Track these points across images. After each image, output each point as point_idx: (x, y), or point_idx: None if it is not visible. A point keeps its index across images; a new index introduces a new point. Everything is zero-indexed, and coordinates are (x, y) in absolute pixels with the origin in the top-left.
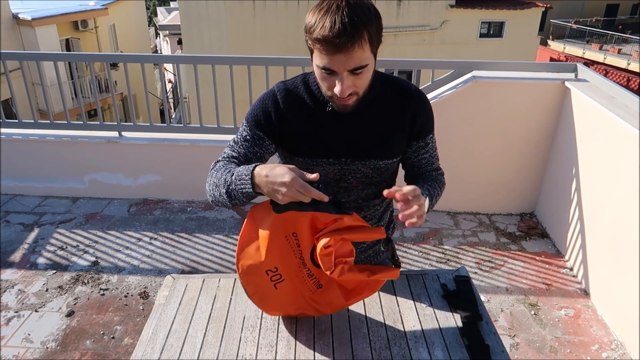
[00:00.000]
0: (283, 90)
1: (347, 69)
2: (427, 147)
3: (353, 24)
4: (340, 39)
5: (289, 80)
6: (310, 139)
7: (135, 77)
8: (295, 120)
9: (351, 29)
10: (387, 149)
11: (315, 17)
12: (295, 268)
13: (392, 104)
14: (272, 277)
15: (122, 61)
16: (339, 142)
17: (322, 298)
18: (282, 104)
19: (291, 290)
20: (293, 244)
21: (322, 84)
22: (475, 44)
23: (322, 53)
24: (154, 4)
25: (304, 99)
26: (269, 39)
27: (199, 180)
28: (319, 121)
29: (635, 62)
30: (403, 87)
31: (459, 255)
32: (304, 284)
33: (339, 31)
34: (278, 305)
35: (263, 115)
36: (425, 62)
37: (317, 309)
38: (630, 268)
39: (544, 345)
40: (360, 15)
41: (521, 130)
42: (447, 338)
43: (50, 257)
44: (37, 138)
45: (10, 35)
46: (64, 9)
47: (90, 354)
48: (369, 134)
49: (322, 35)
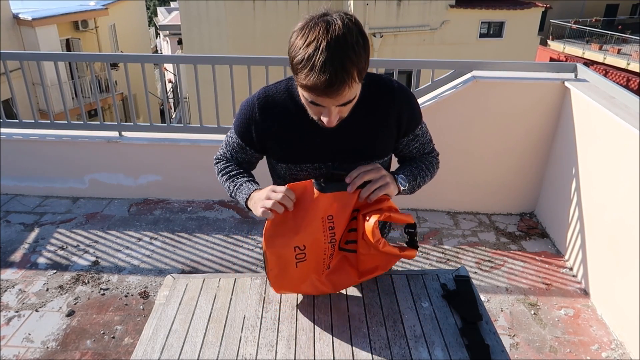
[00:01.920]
0: (264, 98)
1: (337, 105)
2: (417, 137)
3: (344, 69)
4: (332, 88)
5: (272, 86)
6: (294, 145)
7: (136, 77)
8: (277, 127)
9: (342, 75)
10: (374, 150)
11: (302, 54)
12: (321, 250)
13: (375, 103)
14: (298, 254)
15: (123, 61)
16: (324, 147)
17: (329, 279)
18: (262, 113)
19: (307, 270)
20: (326, 227)
21: (308, 109)
22: (475, 44)
23: (309, 91)
24: (154, 4)
25: (286, 105)
26: (269, 39)
27: (199, 180)
28: (302, 127)
29: (635, 62)
30: (385, 85)
31: (459, 255)
32: (321, 265)
33: (329, 81)
34: (290, 284)
35: (244, 126)
36: (425, 62)
37: (320, 289)
38: (630, 268)
39: (543, 345)
40: (350, 55)
41: (521, 130)
42: (447, 338)
43: (50, 257)
44: (38, 138)
45: (10, 36)
46: (64, 9)
47: (91, 354)
48: (355, 136)
49: (310, 83)
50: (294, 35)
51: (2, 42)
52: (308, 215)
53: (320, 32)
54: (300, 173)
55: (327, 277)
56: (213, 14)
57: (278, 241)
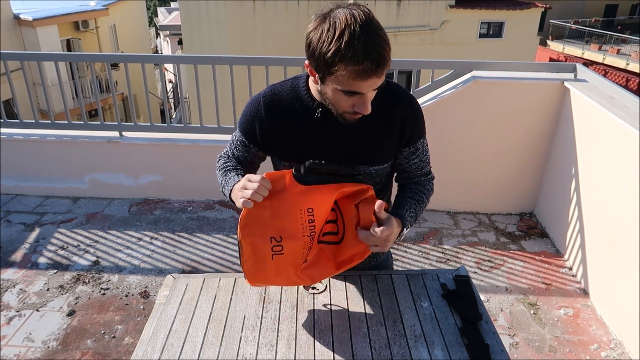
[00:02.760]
0: (270, 96)
1: (375, 88)
2: (417, 152)
3: (384, 48)
4: (380, 67)
5: (278, 84)
6: (298, 144)
7: (136, 77)
8: (281, 126)
9: (384, 54)
10: (376, 155)
11: (336, 45)
12: (300, 243)
13: (381, 109)
14: (274, 247)
15: (123, 61)
16: (327, 148)
17: (306, 272)
18: (267, 112)
19: (284, 264)
20: (305, 220)
21: (338, 104)
22: (475, 44)
23: (351, 79)
24: (154, 4)
25: (292, 104)
26: (269, 39)
27: (200, 180)
28: (307, 127)
29: (634, 63)
30: (392, 92)
31: (459, 254)
32: (300, 259)
33: (377, 61)
34: (265, 277)
35: (248, 123)
36: (425, 62)
37: (296, 282)
38: (630, 267)
39: (543, 345)
40: (382, 35)
41: (521, 130)
42: (447, 337)
43: (51, 257)
44: (38, 138)
45: (11, 36)
46: (65, 10)
47: (91, 353)
48: (358, 140)
49: (359, 68)
50: (316, 34)
51: (2, 42)
52: (285, 205)
53: (348, 21)
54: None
55: (304, 271)
56: (213, 14)
57: (254, 230)
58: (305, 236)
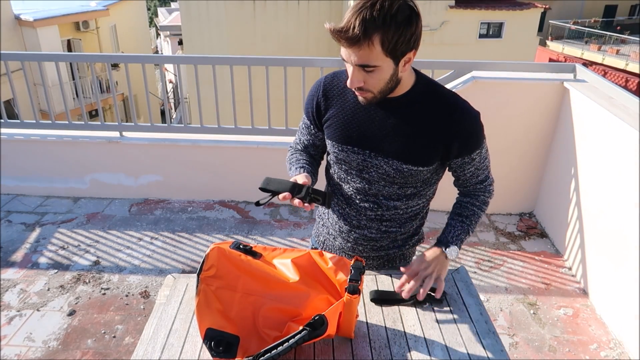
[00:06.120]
0: (330, 77)
1: (355, 63)
2: (473, 162)
3: (364, 25)
4: (346, 35)
5: (341, 70)
6: (344, 125)
7: (136, 78)
8: (334, 106)
9: (359, 31)
10: (410, 154)
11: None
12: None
13: (429, 113)
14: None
15: (123, 62)
16: (367, 134)
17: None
18: (325, 91)
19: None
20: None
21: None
22: (475, 45)
23: (336, 42)
24: (154, 4)
25: (346, 89)
26: (269, 39)
27: (200, 180)
28: (354, 110)
29: (634, 63)
30: (447, 101)
31: (459, 254)
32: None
33: (345, 29)
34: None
35: (309, 102)
36: (425, 62)
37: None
38: (629, 267)
39: (543, 345)
40: (375, 18)
41: (520, 130)
42: (447, 338)
43: (51, 257)
44: (39, 138)
45: (12, 36)
46: (65, 10)
47: (92, 353)
48: (396, 134)
49: (336, 27)
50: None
51: (3, 42)
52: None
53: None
54: (341, 154)
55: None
56: (213, 14)
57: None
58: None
